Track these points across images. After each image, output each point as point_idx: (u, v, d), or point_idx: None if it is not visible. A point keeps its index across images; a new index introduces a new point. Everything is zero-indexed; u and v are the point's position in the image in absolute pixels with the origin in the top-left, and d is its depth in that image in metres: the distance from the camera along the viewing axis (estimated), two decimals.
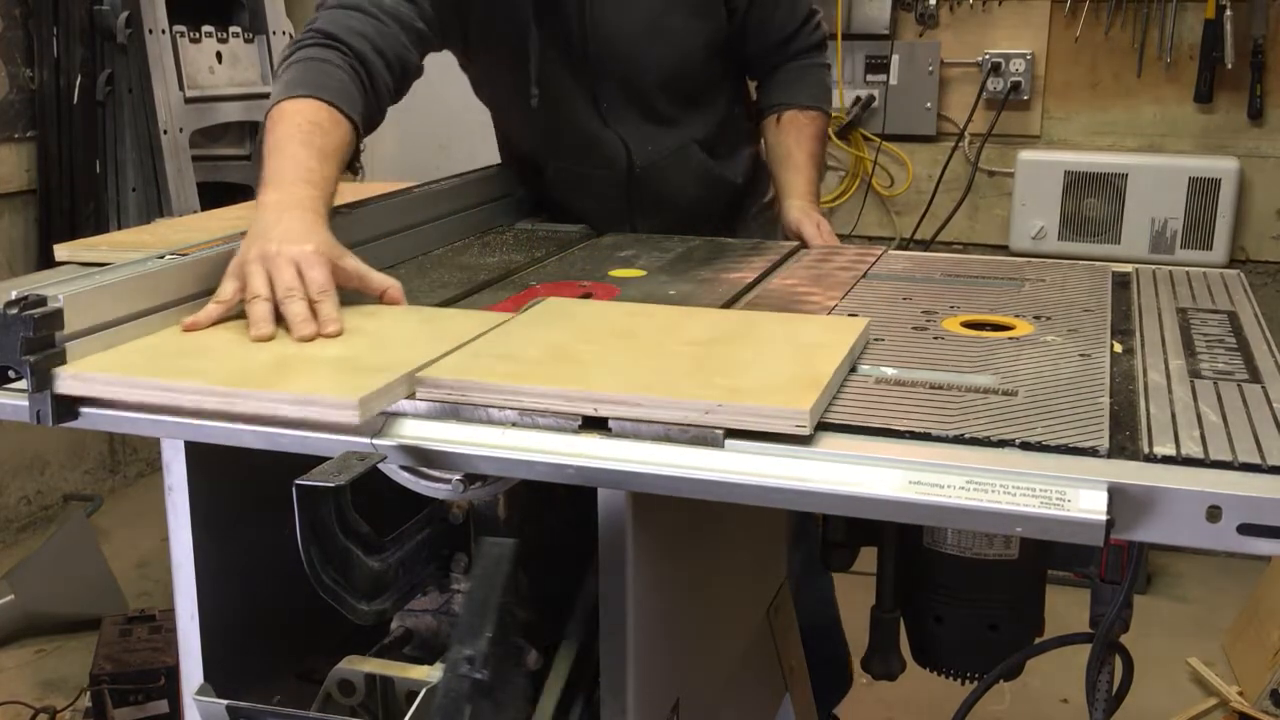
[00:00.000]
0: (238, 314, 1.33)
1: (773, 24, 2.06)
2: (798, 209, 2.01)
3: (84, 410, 1.19)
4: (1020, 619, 1.50)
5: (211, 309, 1.32)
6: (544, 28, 1.90)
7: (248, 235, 1.39)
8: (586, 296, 1.55)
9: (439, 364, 1.18)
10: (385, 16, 1.69)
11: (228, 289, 1.34)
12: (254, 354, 1.23)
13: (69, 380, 1.16)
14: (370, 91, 1.65)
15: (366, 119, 1.64)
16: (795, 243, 1.92)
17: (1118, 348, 1.35)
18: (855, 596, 1.75)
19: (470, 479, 1.17)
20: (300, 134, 1.50)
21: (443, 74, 1.95)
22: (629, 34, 1.92)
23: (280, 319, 1.30)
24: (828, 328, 1.33)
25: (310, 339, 1.27)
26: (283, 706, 1.29)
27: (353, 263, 1.40)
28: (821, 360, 1.17)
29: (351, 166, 1.60)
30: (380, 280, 1.42)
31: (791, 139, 2.08)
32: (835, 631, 2.30)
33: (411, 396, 1.14)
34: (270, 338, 1.27)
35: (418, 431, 1.12)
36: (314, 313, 1.30)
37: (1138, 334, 1.40)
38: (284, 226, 1.37)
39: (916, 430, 1.06)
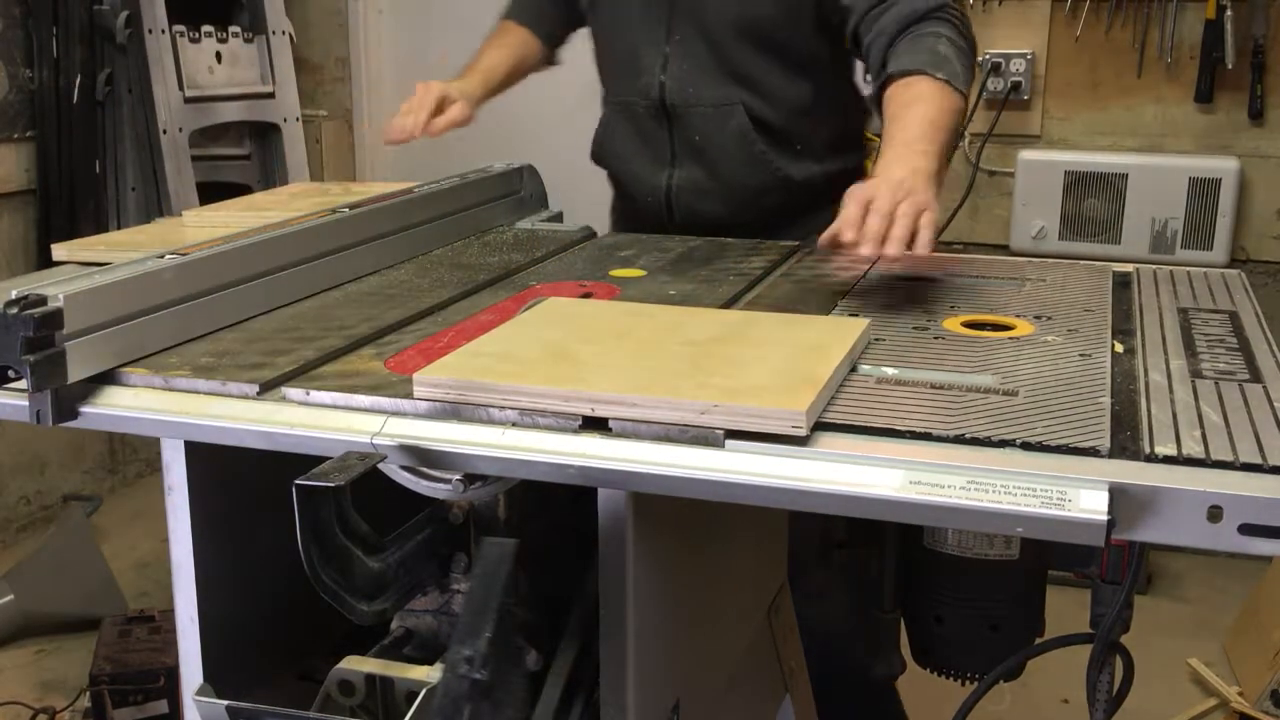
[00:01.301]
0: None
1: None
2: (893, 159, 1.60)
3: (84, 410, 1.19)
4: (1020, 619, 1.50)
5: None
6: None
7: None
8: (586, 296, 1.55)
9: (438, 364, 1.19)
10: None
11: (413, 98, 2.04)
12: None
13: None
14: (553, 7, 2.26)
15: (550, 21, 2.28)
16: (796, 243, 1.91)
17: (1119, 348, 1.35)
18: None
19: (470, 479, 1.17)
20: (497, 42, 2.26)
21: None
22: None
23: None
24: (828, 328, 1.33)
25: (411, 129, 1.99)
26: (283, 706, 1.28)
27: (454, 93, 2.07)
28: (820, 361, 1.17)
29: (551, 60, 2.33)
30: (457, 112, 2.06)
31: (893, 102, 1.74)
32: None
33: (409, 396, 1.14)
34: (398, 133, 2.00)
35: (418, 431, 1.12)
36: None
37: (1138, 334, 1.40)
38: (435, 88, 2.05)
39: (917, 430, 1.06)
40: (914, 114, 1.67)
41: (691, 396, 1.08)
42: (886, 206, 1.46)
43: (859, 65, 2.05)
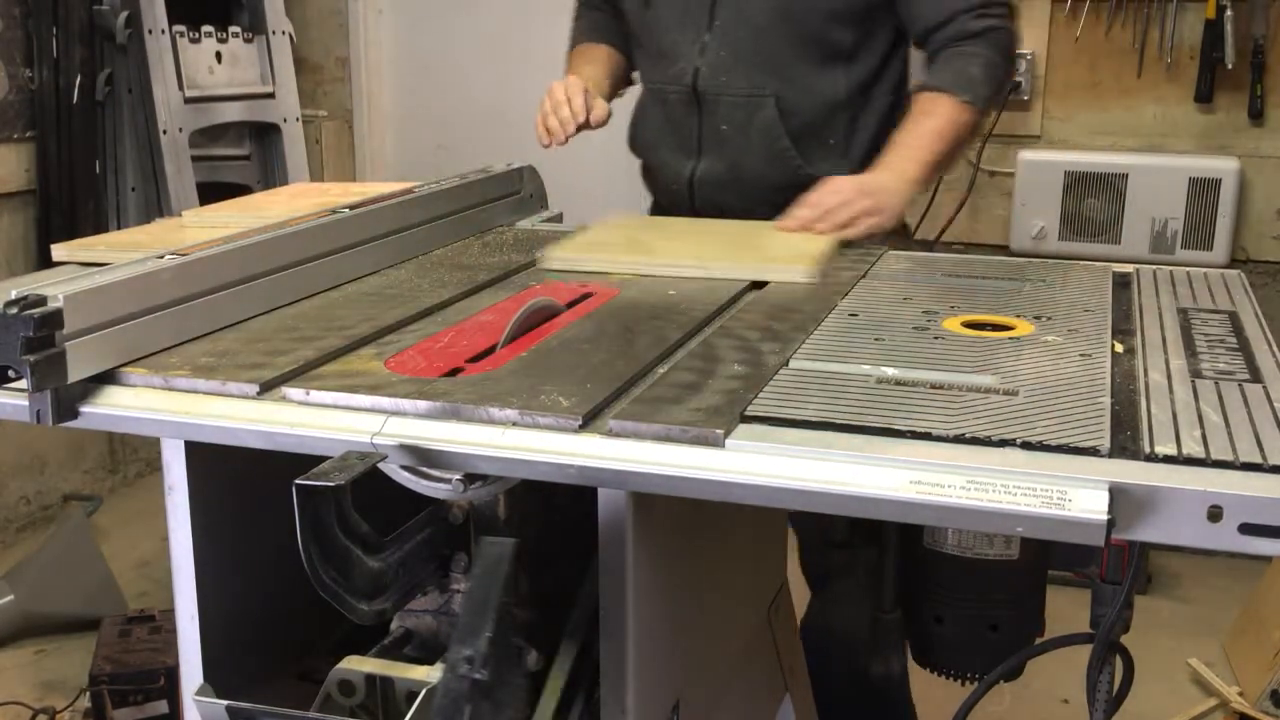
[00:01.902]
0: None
1: (928, 4, 1.99)
2: (882, 162, 1.91)
3: (84, 410, 1.19)
4: (1020, 619, 1.50)
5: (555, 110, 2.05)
6: None
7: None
8: (587, 296, 1.55)
9: (564, 244, 1.76)
10: None
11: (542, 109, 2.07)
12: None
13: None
14: (619, 20, 2.28)
15: (623, 39, 2.28)
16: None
17: (1118, 348, 1.35)
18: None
19: (470, 479, 1.17)
20: (580, 58, 2.27)
21: (443, 74, 1.95)
22: None
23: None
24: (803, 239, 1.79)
25: (569, 119, 2.02)
26: (282, 706, 1.28)
27: (595, 92, 2.09)
28: (815, 245, 1.73)
29: (629, 79, 2.30)
30: (601, 109, 2.07)
31: (913, 114, 1.96)
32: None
33: (410, 396, 1.14)
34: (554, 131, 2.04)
35: (418, 431, 1.12)
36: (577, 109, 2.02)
37: (1138, 334, 1.40)
38: (566, 81, 2.09)
39: (917, 430, 1.06)
40: (924, 126, 1.90)
41: (740, 261, 1.65)
42: (844, 216, 1.80)
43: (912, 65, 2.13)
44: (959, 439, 1.05)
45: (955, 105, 1.91)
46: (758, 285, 1.61)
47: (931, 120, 1.90)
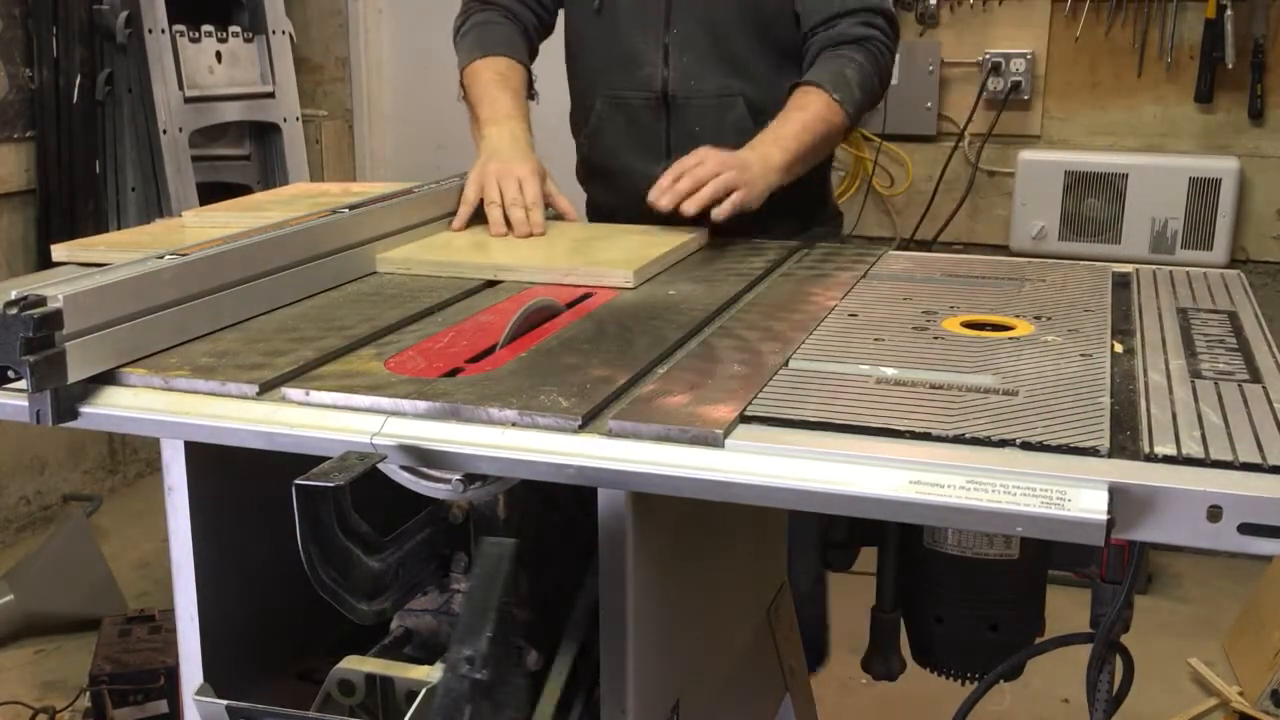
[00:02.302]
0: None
1: (814, 2, 2.03)
2: (747, 145, 1.90)
3: (84, 410, 1.19)
4: (1020, 619, 1.50)
5: (464, 210, 1.89)
6: None
7: (482, 154, 1.95)
8: (586, 296, 1.55)
9: (399, 250, 1.72)
10: None
11: (470, 192, 1.89)
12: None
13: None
14: (525, 34, 2.15)
15: (530, 55, 2.15)
16: (795, 243, 1.92)
17: (1118, 348, 1.35)
18: (855, 597, 1.75)
19: (470, 479, 1.17)
20: (494, 83, 2.04)
21: (443, 74, 1.95)
22: None
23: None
24: (669, 233, 1.82)
25: (525, 237, 1.83)
26: (283, 706, 1.28)
27: (551, 186, 1.94)
28: (656, 248, 1.73)
29: (530, 94, 2.13)
30: (564, 204, 1.96)
31: (788, 105, 1.98)
32: (817, 599, 2.35)
33: (410, 397, 1.14)
34: (504, 236, 1.84)
35: (417, 431, 1.12)
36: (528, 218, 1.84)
37: (1138, 334, 1.40)
38: (508, 151, 1.94)
39: (917, 430, 1.06)
40: (793, 117, 1.93)
41: (566, 264, 1.64)
42: (704, 174, 1.78)
43: None
44: (959, 439, 1.05)
45: (828, 103, 1.93)
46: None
47: (803, 114, 1.93)
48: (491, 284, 1.62)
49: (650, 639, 1.22)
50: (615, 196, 2.18)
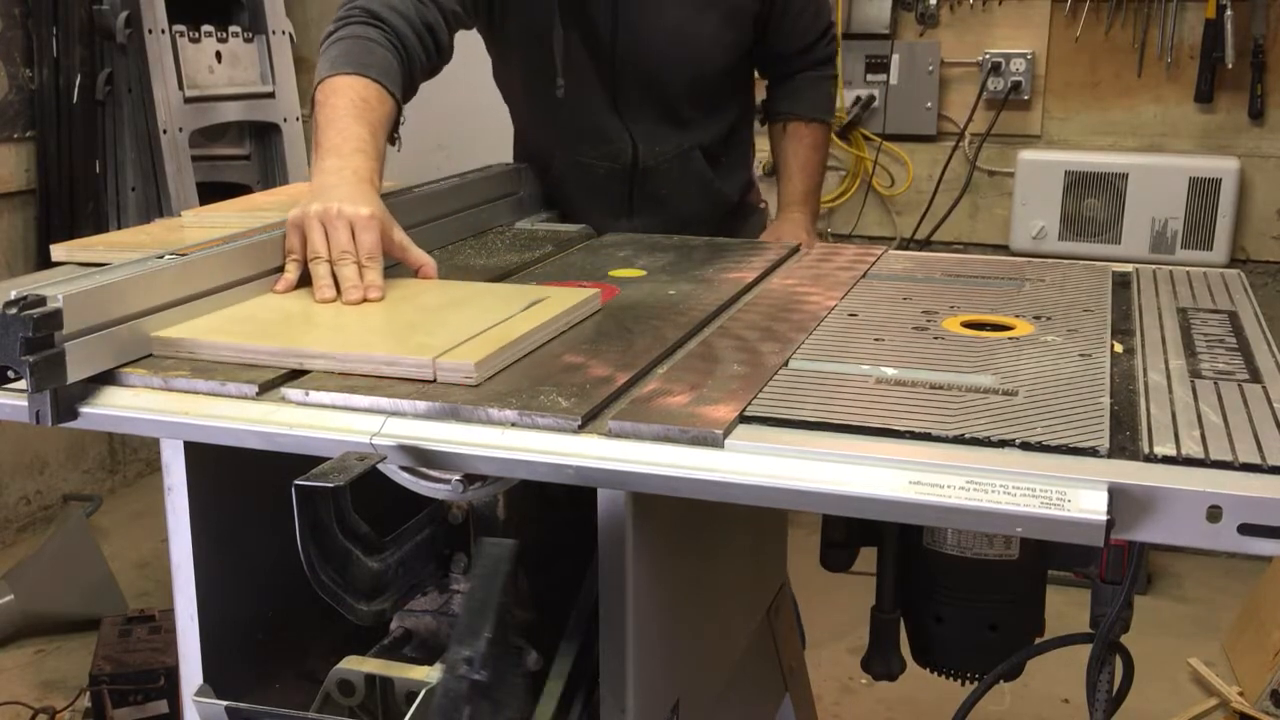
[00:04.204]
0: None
1: (795, 33, 2.16)
2: (790, 221, 2.15)
3: (83, 410, 1.19)
4: (1020, 619, 1.50)
5: (291, 268, 1.47)
6: (572, 21, 1.97)
7: (310, 193, 1.51)
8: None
9: (185, 325, 1.31)
10: None
11: (292, 240, 1.48)
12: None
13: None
14: (408, 67, 1.76)
15: (405, 93, 1.76)
16: (795, 242, 1.93)
17: (1118, 348, 1.35)
18: (855, 596, 1.75)
19: (470, 479, 1.17)
20: (353, 109, 1.63)
21: (443, 74, 1.95)
22: (658, 36, 2.00)
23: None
24: (552, 299, 1.41)
25: (357, 303, 1.41)
26: (282, 706, 1.28)
27: (399, 234, 1.53)
28: (519, 325, 1.30)
29: (391, 139, 1.73)
30: (419, 256, 1.54)
31: (790, 149, 2.22)
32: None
33: (409, 397, 1.14)
34: (332, 300, 1.41)
35: (417, 431, 1.12)
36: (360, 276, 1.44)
37: (1138, 334, 1.40)
38: (344, 189, 1.50)
39: (916, 430, 1.06)
40: (810, 161, 2.20)
41: (391, 352, 1.21)
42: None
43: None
44: (958, 439, 1.05)
45: (824, 131, 2.22)
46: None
47: (817, 154, 2.21)
48: (296, 374, 1.22)
49: (650, 639, 1.22)
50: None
